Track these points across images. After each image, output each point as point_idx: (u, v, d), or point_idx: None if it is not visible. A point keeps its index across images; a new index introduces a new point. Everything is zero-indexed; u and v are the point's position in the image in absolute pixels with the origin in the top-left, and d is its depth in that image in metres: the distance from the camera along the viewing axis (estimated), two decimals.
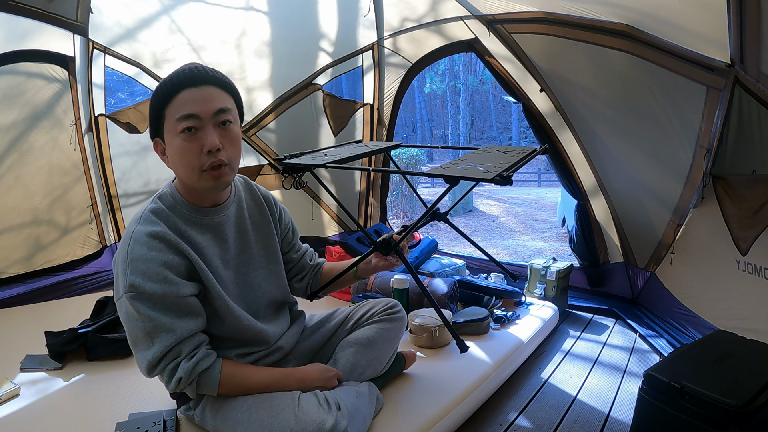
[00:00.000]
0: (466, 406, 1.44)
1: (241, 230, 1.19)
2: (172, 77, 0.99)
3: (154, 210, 1.04)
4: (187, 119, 0.97)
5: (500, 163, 1.13)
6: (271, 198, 1.31)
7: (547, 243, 7.24)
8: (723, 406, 1.08)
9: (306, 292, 1.40)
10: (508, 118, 25.08)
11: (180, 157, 0.99)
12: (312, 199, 3.53)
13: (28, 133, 2.36)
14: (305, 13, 2.96)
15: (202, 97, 0.98)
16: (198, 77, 0.98)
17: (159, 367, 1.00)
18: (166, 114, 0.99)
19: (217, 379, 1.05)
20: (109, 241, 2.92)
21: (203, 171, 1.00)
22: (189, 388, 1.03)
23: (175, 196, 1.07)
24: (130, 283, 0.96)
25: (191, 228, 1.06)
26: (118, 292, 1.01)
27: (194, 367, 1.01)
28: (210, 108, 0.98)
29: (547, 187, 14.20)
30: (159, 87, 1.00)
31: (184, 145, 0.98)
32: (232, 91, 1.05)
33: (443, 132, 26.23)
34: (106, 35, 2.58)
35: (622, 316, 2.35)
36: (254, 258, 1.21)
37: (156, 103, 1.00)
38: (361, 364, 1.30)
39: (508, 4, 2.25)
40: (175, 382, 1.01)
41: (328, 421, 1.02)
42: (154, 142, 1.05)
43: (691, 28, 1.65)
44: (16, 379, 1.54)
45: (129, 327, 1.01)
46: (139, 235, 0.99)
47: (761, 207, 1.62)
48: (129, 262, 0.97)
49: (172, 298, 0.99)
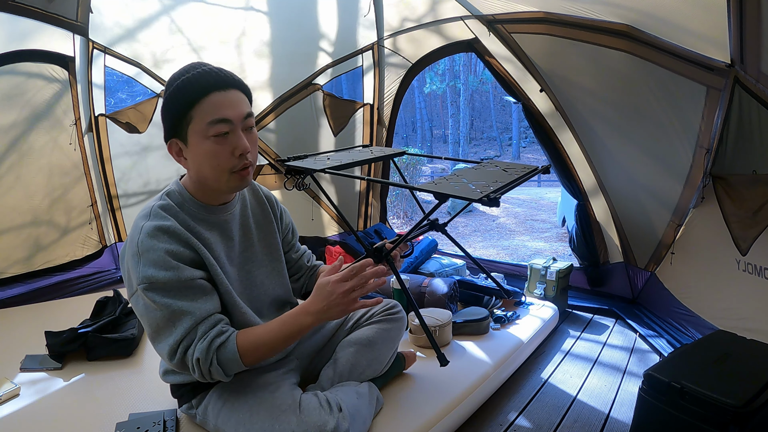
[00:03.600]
0: (466, 406, 1.44)
1: (245, 228, 1.20)
2: (198, 79, 0.98)
3: (162, 206, 1.04)
4: (222, 123, 0.98)
5: (494, 182, 1.13)
6: (273, 198, 1.33)
7: (547, 243, 7.24)
8: (723, 406, 1.08)
9: (301, 293, 1.41)
10: (508, 118, 25.08)
11: (209, 159, 1.00)
12: (312, 200, 3.53)
13: (28, 134, 2.36)
14: (305, 13, 2.96)
15: (232, 101, 1.00)
16: (225, 81, 1.00)
17: (179, 351, 0.98)
18: (192, 116, 0.98)
19: (236, 350, 0.99)
20: (109, 241, 2.92)
21: (233, 173, 1.02)
22: (214, 369, 0.98)
23: (183, 193, 1.08)
24: (143, 275, 0.96)
25: (199, 224, 1.07)
26: (131, 288, 1.00)
27: (209, 345, 0.98)
28: (240, 113, 1.01)
29: (547, 187, 14.19)
30: (182, 88, 0.98)
31: (216, 147, 0.99)
32: (250, 96, 1.08)
33: (443, 132, 26.25)
34: (106, 35, 2.58)
35: (622, 316, 2.35)
36: (257, 256, 1.22)
37: (180, 104, 0.98)
38: (361, 365, 1.31)
39: (508, 4, 2.25)
40: (195, 364, 0.97)
41: (330, 423, 1.02)
42: (169, 143, 1.04)
43: (691, 28, 1.65)
44: (16, 379, 1.54)
45: (149, 318, 0.99)
46: (149, 228, 0.99)
47: (761, 207, 1.62)
48: (140, 255, 0.97)
49: (185, 282, 0.99)
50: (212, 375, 1.00)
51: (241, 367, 1.01)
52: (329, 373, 1.29)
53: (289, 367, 1.25)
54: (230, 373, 1.02)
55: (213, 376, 1.00)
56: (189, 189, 1.09)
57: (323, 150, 3.43)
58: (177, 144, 1.03)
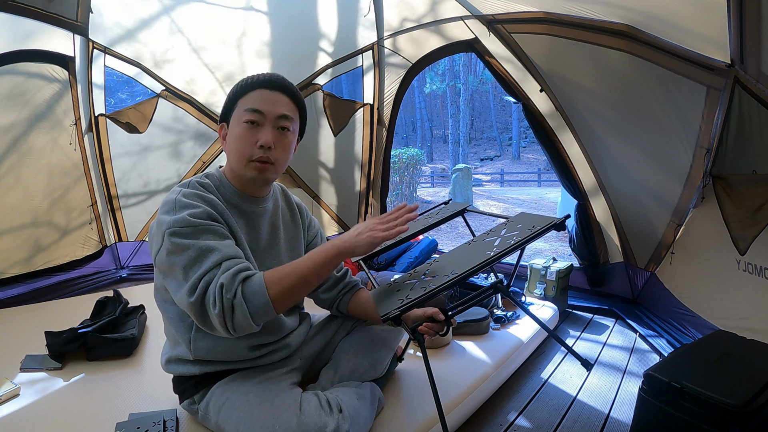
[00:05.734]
0: (466, 406, 1.44)
1: (274, 227, 1.24)
2: (257, 76, 1.13)
3: (201, 182, 1.11)
4: (253, 113, 1.09)
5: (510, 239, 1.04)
6: (304, 207, 1.38)
7: (547, 243, 7.24)
8: (723, 406, 1.08)
9: (331, 307, 1.40)
10: (508, 118, 25.09)
11: (236, 143, 1.10)
12: (312, 200, 3.54)
13: (28, 134, 2.35)
14: (305, 14, 2.96)
15: (272, 99, 1.11)
16: (275, 83, 1.13)
17: (201, 285, 0.93)
18: (238, 104, 1.12)
19: (262, 281, 0.95)
20: (109, 242, 2.92)
21: (251, 161, 1.09)
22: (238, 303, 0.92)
23: (221, 177, 1.16)
24: (175, 219, 0.98)
25: (230, 209, 1.12)
26: (158, 243, 1.00)
27: (235, 275, 0.94)
28: (275, 111, 1.11)
29: (547, 187, 14.20)
30: (242, 82, 1.13)
31: (244, 133, 1.09)
32: (301, 107, 1.19)
33: (443, 132, 26.26)
34: (106, 35, 2.59)
35: (622, 316, 2.35)
36: (280, 255, 1.24)
37: (233, 93, 1.14)
38: (363, 365, 1.30)
39: (508, 4, 2.25)
40: (217, 294, 0.91)
41: (330, 424, 1.01)
42: (220, 126, 1.18)
43: (691, 28, 1.65)
44: (16, 379, 1.54)
45: (177, 263, 0.96)
46: (189, 193, 1.05)
47: (761, 207, 1.62)
48: (176, 209, 1.00)
49: (215, 227, 1.02)
50: (235, 313, 0.92)
51: (268, 305, 0.94)
52: (330, 374, 1.28)
53: (292, 366, 1.25)
54: (255, 311, 0.94)
55: (235, 315, 0.92)
56: (227, 176, 1.16)
57: (322, 150, 3.45)
58: (224, 127, 1.16)
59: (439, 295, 0.95)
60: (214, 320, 0.93)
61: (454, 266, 0.99)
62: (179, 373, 1.17)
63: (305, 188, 3.53)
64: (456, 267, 0.98)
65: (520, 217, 1.13)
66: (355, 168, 3.53)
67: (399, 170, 10.55)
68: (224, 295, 0.92)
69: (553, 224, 0.97)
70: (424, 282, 0.98)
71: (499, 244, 1.04)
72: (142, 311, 1.99)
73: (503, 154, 23.21)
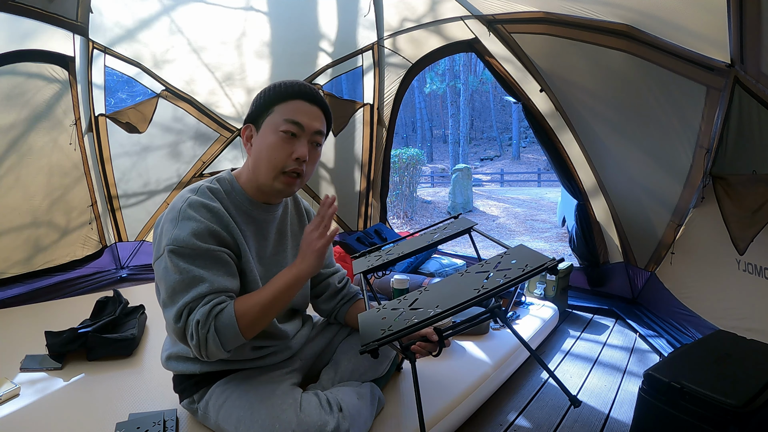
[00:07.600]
0: (466, 406, 1.44)
1: (281, 234, 1.24)
2: (297, 85, 1.11)
3: (211, 188, 1.10)
4: (294, 125, 1.08)
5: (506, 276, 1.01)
6: (312, 212, 1.37)
7: (547, 243, 7.25)
8: (723, 406, 1.08)
9: (329, 316, 1.41)
10: (508, 118, 25.10)
11: (270, 151, 1.08)
12: (312, 199, 3.53)
13: (28, 134, 2.35)
14: (305, 14, 2.97)
15: (313, 113, 1.11)
16: (316, 98, 1.12)
17: (184, 314, 0.98)
18: (275, 109, 1.09)
19: (233, 314, 0.98)
20: (109, 242, 2.92)
21: (283, 173, 1.09)
22: (211, 337, 0.96)
23: (233, 183, 1.14)
24: (176, 236, 0.99)
25: (240, 215, 1.12)
26: (159, 250, 1.02)
27: (210, 310, 0.97)
28: (314, 126, 1.10)
29: (547, 187, 14.20)
30: (279, 86, 1.11)
31: (280, 143, 1.07)
32: (330, 125, 1.18)
33: (443, 132, 26.26)
34: (106, 35, 2.59)
35: (622, 316, 2.35)
36: (286, 261, 1.24)
37: (271, 96, 1.10)
38: (363, 365, 1.31)
39: (508, 4, 2.25)
40: (194, 329, 0.96)
41: (330, 423, 1.02)
42: (246, 126, 1.14)
43: (691, 28, 1.65)
44: (16, 379, 1.54)
45: (167, 281, 0.99)
46: (195, 201, 1.03)
47: (761, 207, 1.62)
48: (180, 220, 1.00)
49: (212, 253, 1.01)
50: (208, 344, 0.97)
51: (237, 335, 0.98)
52: (330, 374, 1.29)
53: (293, 366, 1.25)
54: (226, 341, 0.98)
55: (209, 346, 0.97)
56: (240, 180, 1.15)
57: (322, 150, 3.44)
58: (251, 129, 1.13)
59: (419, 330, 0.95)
60: (191, 347, 1.00)
61: (441, 299, 1.01)
62: (179, 370, 1.17)
63: (305, 188, 3.53)
64: (443, 301, 0.99)
65: (517, 250, 1.13)
66: (355, 168, 3.53)
67: (399, 170, 10.55)
68: (200, 330, 0.96)
69: (545, 267, 0.97)
70: (408, 314, 1.00)
71: (488, 281, 1.05)
72: (142, 311, 1.99)
73: (503, 154, 23.22)
